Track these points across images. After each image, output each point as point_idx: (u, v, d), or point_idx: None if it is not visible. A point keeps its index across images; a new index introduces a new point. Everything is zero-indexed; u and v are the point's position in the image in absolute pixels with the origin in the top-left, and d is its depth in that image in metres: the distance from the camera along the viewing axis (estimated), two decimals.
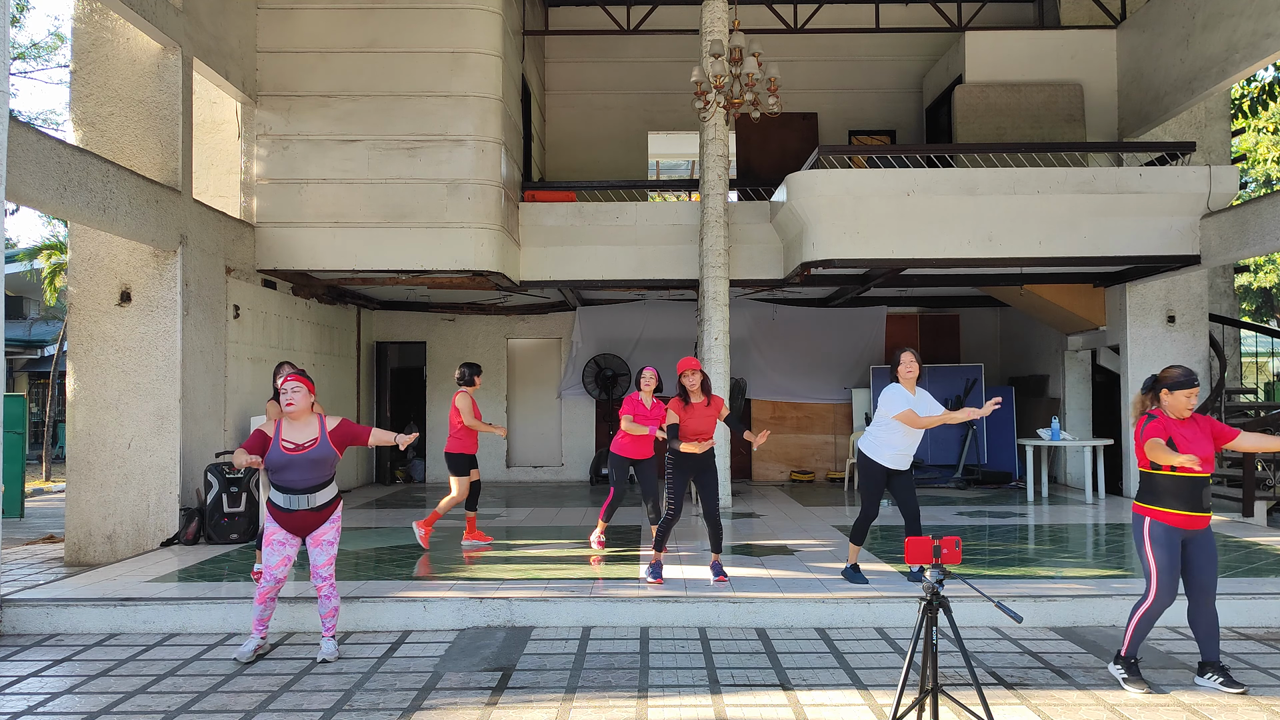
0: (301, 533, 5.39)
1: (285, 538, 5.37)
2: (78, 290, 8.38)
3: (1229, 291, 13.51)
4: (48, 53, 22.15)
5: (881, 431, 6.54)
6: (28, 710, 4.58)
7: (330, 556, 5.44)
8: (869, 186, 9.93)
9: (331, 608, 5.47)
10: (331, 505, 5.46)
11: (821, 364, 14.02)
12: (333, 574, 5.46)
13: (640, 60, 14.17)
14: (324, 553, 5.42)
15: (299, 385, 5.37)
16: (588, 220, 11.50)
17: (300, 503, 5.32)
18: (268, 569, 5.36)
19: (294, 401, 5.35)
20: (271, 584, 5.38)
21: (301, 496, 5.32)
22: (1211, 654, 4.82)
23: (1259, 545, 8.02)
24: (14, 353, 24.28)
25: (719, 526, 6.78)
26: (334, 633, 5.49)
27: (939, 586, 3.78)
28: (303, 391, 5.37)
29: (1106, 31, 11.95)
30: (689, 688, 4.80)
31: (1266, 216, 8.97)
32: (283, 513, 5.34)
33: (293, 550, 5.40)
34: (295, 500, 5.31)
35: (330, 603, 5.46)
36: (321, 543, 5.42)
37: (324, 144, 10.13)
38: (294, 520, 5.34)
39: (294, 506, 5.32)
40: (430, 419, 14.21)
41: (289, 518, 5.34)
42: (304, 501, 5.32)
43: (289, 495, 5.31)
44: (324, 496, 5.40)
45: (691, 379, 6.61)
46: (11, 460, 11.43)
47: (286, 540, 5.38)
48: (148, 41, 8.48)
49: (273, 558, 5.36)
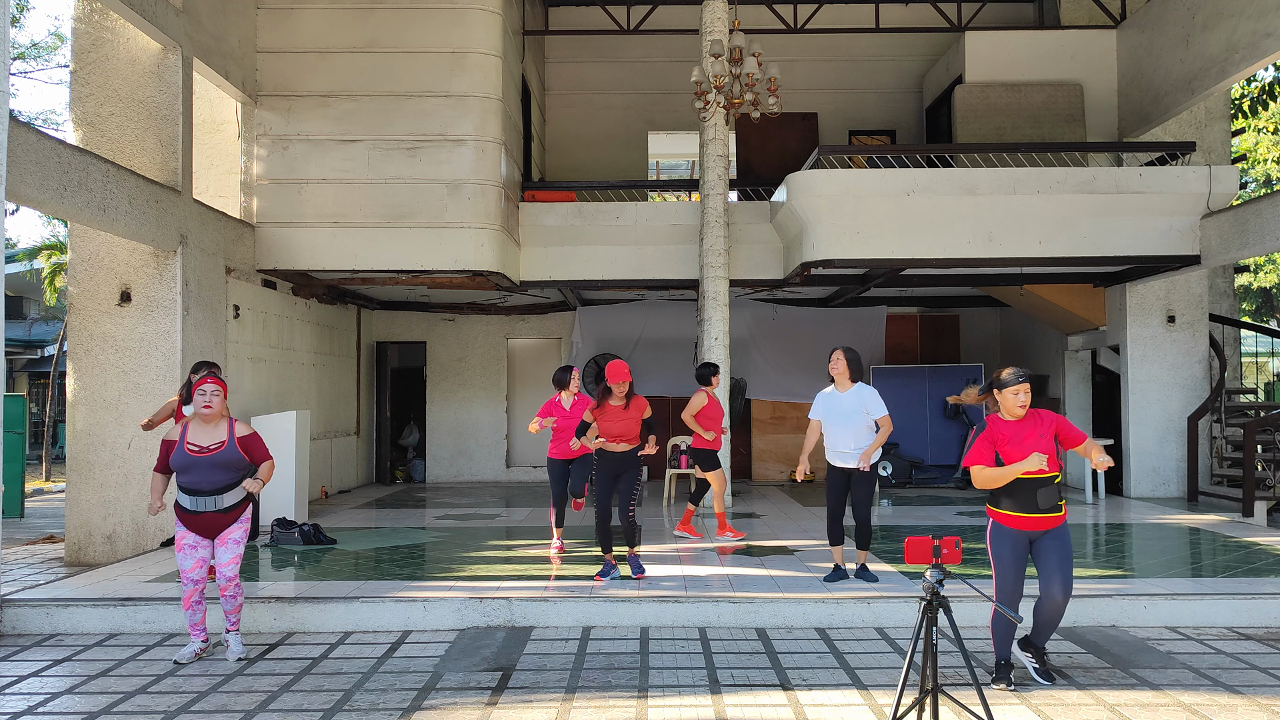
0: (209, 534, 5.35)
1: (195, 540, 5.33)
2: (78, 290, 8.38)
3: (1229, 291, 13.50)
4: (48, 53, 22.17)
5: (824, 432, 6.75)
6: (28, 710, 4.58)
7: (236, 555, 5.39)
8: (869, 186, 9.93)
9: (236, 604, 5.43)
10: (240, 506, 5.42)
11: (822, 364, 13.83)
12: (238, 574, 5.42)
13: (640, 60, 14.16)
14: (229, 551, 5.37)
15: (218, 388, 5.36)
16: (588, 220, 11.50)
17: (207, 504, 5.29)
18: (184, 574, 5.32)
19: (212, 405, 5.33)
20: (191, 587, 5.33)
21: (209, 498, 5.28)
22: (1039, 639, 4.85)
23: (1259, 545, 8.02)
24: (14, 353, 24.29)
25: (630, 529, 6.78)
26: (238, 629, 5.46)
27: (939, 586, 3.78)
28: (220, 395, 5.36)
29: (1106, 31, 11.95)
30: (689, 688, 4.80)
31: (1266, 216, 8.97)
32: (189, 515, 5.31)
33: (205, 552, 5.36)
34: (202, 502, 5.28)
35: (235, 600, 5.42)
36: (228, 541, 5.37)
37: (324, 144, 10.13)
38: (200, 522, 5.31)
39: (200, 508, 5.29)
40: (430, 419, 14.21)
41: (196, 520, 5.30)
42: (211, 503, 5.29)
43: (195, 497, 5.28)
44: (232, 498, 5.37)
45: (620, 388, 6.62)
46: (11, 460, 11.43)
47: (197, 543, 5.33)
48: (148, 41, 8.48)
49: (186, 562, 5.31)
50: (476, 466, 14.21)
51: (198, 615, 5.41)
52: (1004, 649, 4.83)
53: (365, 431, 13.92)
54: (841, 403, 6.60)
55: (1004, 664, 4.82)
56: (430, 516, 10.25)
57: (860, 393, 6.59)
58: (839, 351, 6.68)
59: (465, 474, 14.21)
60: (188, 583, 5.33)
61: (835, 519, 6.74)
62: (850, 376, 6.63)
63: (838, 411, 6.61)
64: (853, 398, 6.58)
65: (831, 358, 6.70)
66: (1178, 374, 11.26)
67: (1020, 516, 4.68)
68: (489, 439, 14.23)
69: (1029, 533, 4.70)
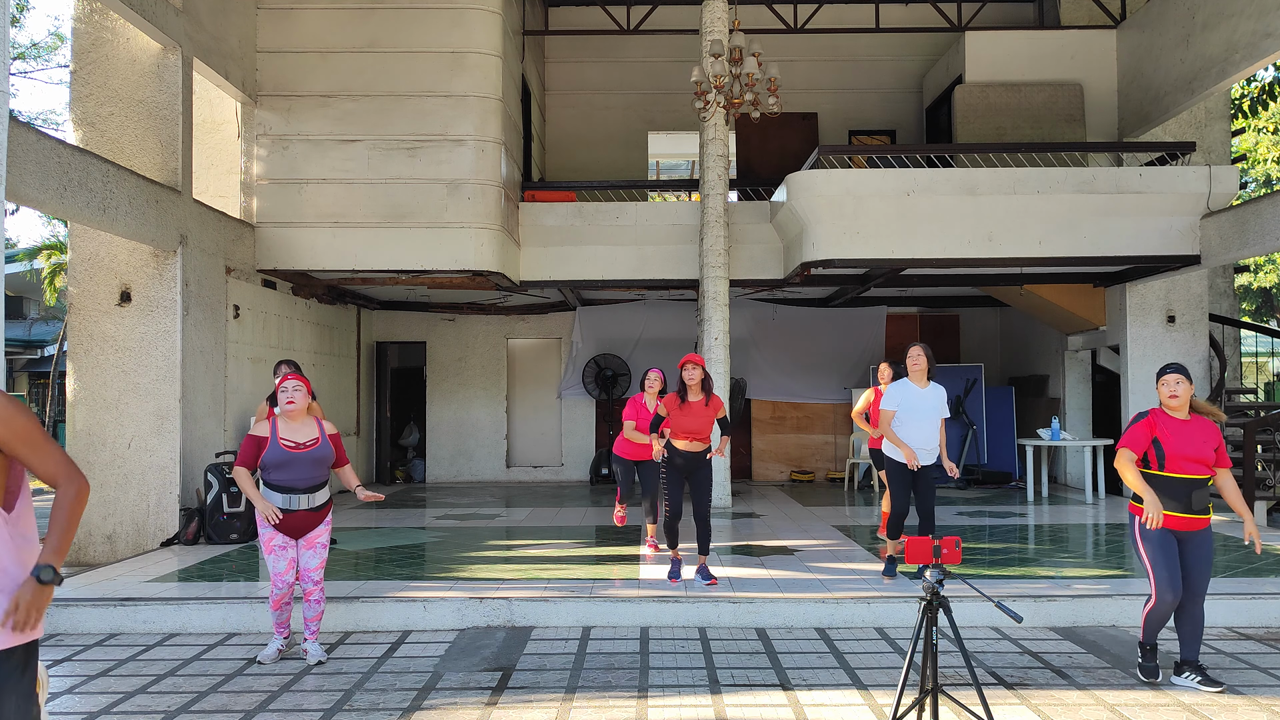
0: (298, 533, 5.31)
1: (285, 541, 5.29)
2: (78, 290, 8.38)
3: (1229, 291, 13.51)
4: (48, 53, 22.18)
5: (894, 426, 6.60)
6: None
7: (323, 560, 5.37)
8: (869, 186, 9.93)
9: (319, 611, 5.38)
10: (328, 505, 5.44)
11: (821, 364, 14.03)
12: (323, 578, 5.39)
13: (640, 60, 14.16)
14: (317, 555, 5.34)
15: (299, 384, 5.34)
16: (588, 220, 11.50)
17: (300, 502, 5.26)
18: (277, 575, 5.28)
19: (294, 400, 5.30)
20: (284, 590, 5.31)
21: (302, 496, 5.26)
22: (1191, 654, 4.79)
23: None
24: (14, 353, 24.28)
25: (707, 528, 6.71)
26: (318, 636, 5.41)
27: (939, 586, 3.78)
28: (303, 390, 5.34)
29: (1106, 31, 11.95)
30: (689, 688, 4.80)
31: (1266, 216, 8.97)
32: (282, 514, 5.26)
33: (295, 552, 5.32)
34: (295, 500, 5.25)
35: (319, 606, 5.37)
36: (315, 544, 5.35)
37: (324, 144, 10.13)
38: (293, 520, 5.27)
39: (294, 506, 5.25)
40: (430, 419, 14.21)
41: (288, 518, 5.26)
42: (305, 501, 5.27)
43: (289, 495, 5.24)
44: (323, 496, 5.37)
45: (691, 373, 6.55)
46: None
47: (287, 544, 5.29)
48: (148, 41, 8.48)
49: (279, 564, 5.27)
50: (476, 466, 14.21)
51: (284, 615, 5.41)
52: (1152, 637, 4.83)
53: (365, 431, 13.92)
54: (920, 399, 6.51)
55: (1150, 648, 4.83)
56: (430, 516, 10.25)
57: (937, 392, 6.54)
58: (919, 348, 6.56)
59: (465, 474, 14.21)
60: (281, 585, 5.28)
61: (901, 518, 6.65)
62: (928, 375, 6.56)
63: (917, 408, 6.50)
64: (931, 396, 6.52)
65: (911, 353, 6.56)
66: None
67: (1175, 516, 4.67)
68: (489, 439, 14.23)
69: (1177, 532, 4.70)
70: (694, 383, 6.58)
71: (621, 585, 6.54)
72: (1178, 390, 4.66)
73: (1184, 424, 4.68)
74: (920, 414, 6.49)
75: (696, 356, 6.63)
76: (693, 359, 6.60)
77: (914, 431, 6.49)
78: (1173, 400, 4.67)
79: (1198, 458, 4.61)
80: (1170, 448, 4.62)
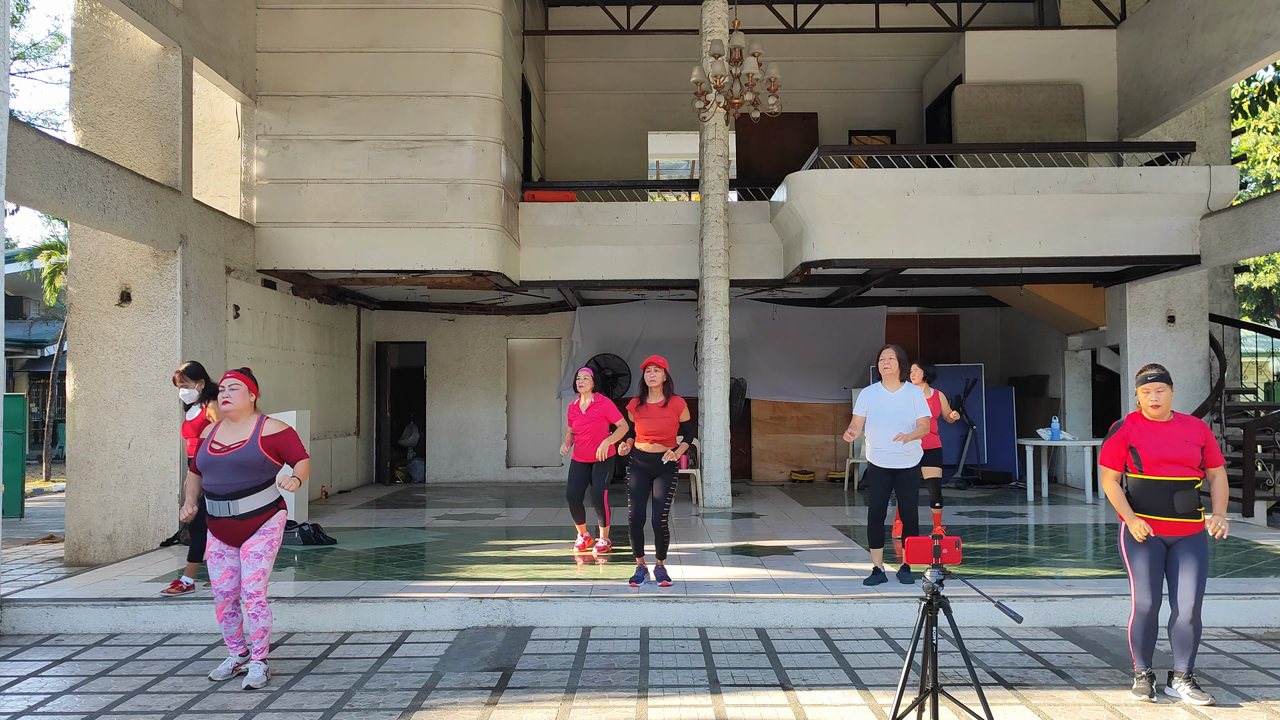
0: (233, 542, 4.99)
1: (222, 548, 4.99)
2: (78, 290, 8.38)
3: (1229, 291, 13.50)
4: (48, 53, 22.16)
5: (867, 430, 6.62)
6: (28, 710, 4.58)
7: (258, 570, 4.93)
8: (869, 186, 9.93)
9: (258, 628, 4.95)
10: (262, 515, 4.99)
11: (821, 364, 14.02)
12: (262, 591, 4.94)
13: (640, 60, 14.16)
14: (250, 565, 4.93)
15: (237, 382, 5.02)
16: (588, 220, 11.50)
17: (222, 509, 4.91)
18: (213, 584, 5.01)
19: (230, 400, 4.99)
20: (221, 599, 5.01)
21: (224, 502, 4.90)
22: (1181, 666, 4.63)
23: (1259, 545, 8.02)
24: (14, 353, 24.28)
25: (663, 535, 6.68)
26: (264, 655, 4.97)
27: (939, 586, 3.78)
28: (241, 389, 5.00)
29: (1106, 31, 11.95)
30: (689, 688, 4.80)
31: (1266, 216, 8.97)
32: (212, 520, 4.98)
33: (233, 562, 4.99)
34: (218, 506, 4.92)
35: (259, 622, 4.94)
36: (249, 554, 4.94)
37: (324, 144, 10.13)
38: (221, 528, 4.96)
39: (217, 514, 4.93)
40: (430, 419, 14.21)
41: (216, 525, 4.97)
42: (226, 508, 4.91)
43: (213, 501, 4.94)
44: (249, 504, 4.93)
45: (653, 375, 6.56)
46: (11, 460, 11.43)
47: (224, 551, 4.99)
48: (148, 41, 8.48)
49: (214, 571, 5.00)
50: (476, 466, 14.21)
51: (231, 628, 5.07)
52: (1146, 659, 4.64)
53: (365, 431, 13.92)
54: (890, 402, 6.52)
55: (1146, 675, 4.63)
56: (430, 516, 10.25)
57: (909, 393, 6.54)
58: (891, 350, 6.57)
59: (465, 474, 14.21)
60: (217, 594, 5.02)
61: (877, 520, 6.64)
62: (900, 376, 6.57)
63: (885, 411, 6.51)
64: (902, 398, 6.52)
65: (883, 356, 6.58)
66: (1178, 374, 11.24)
67: (1159, 520, 4.53)
68: (489, 439, 14.23)
69: (1164, 538, 4.56)
70: (655, 385, 6.60)
71: (622, 585, 6.53)
72: (1159, 400, 4.53)
73: (1163, 427, 4.57)
74: (890, 417, 6.48)
75: (659, 359, 6.65)
76: (655, 361, 6.63)
77: (886, 435, 6.49)
78: (1154, 409, 4.56)
79: (1178, 459, 4.47)
80: (1146, 452, 4.52)
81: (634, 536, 6.73)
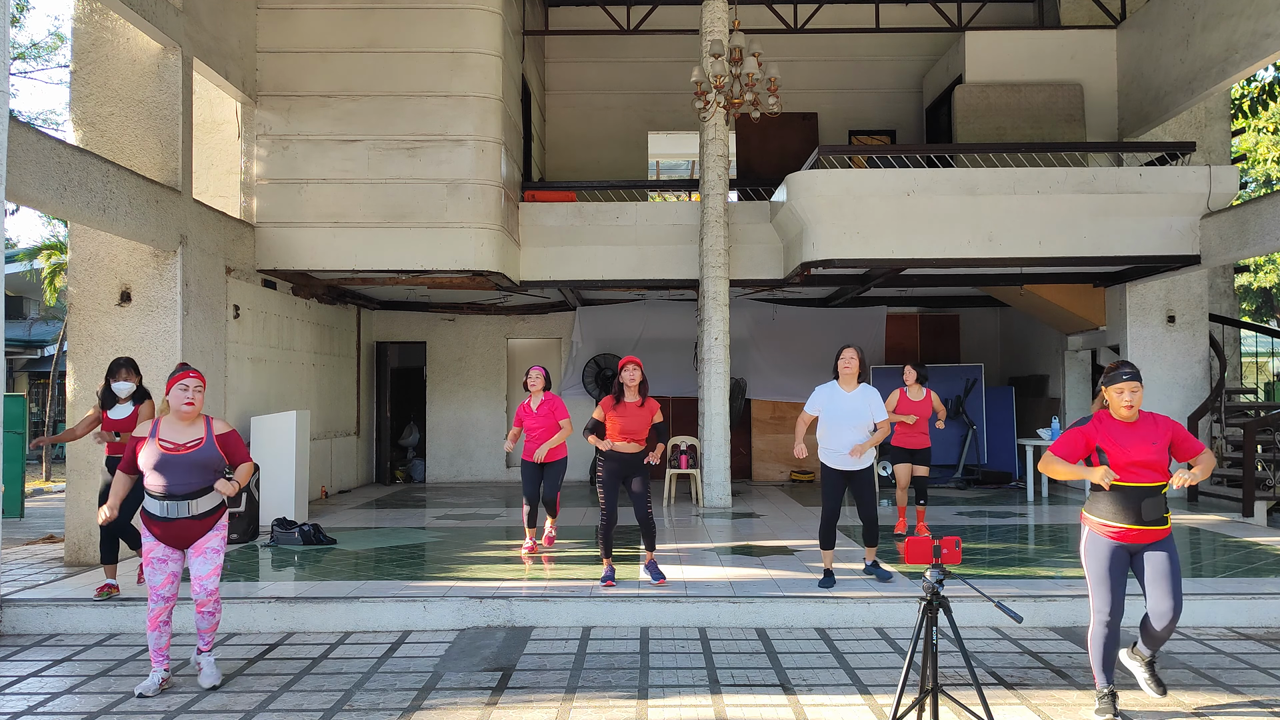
0: (182, 544, 4.83)
1: (166, 553, 4.81)
2: (78, 290, 8.38)
3: (1229, 291, 13.51)
4: (48, 53, 22.17)
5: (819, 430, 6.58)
6: (28, 710, 4.58)
7: (215, 566, 4.86)
8: (869, 186, 9.93)
9: (212, 623, 4.92)
10: (215, 513, 4.90)
11: (822, 364, 13.96)
12: (218, 588, 4.91)
13: (640, 60, 14.17)
14: (208, 562, 4.84)
15: (201, 383, 4.89)
16: (588, 220, 11.50)
17: (179, 510, 4.75)
18: (153, 590, 4.80)
19: (194, 401, 4.83)
20: (160, 605, 4.82)
21: (181, 503, 4.75)
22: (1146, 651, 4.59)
23: (1259, 545, 8.02)
24: (14, 353, 24.28)
25: (649, 526, 6.69)
26: (211, 649, 4.95)
27: (939, 586, 3.78)
28: (203, 390, 4.92)
29: (1106, 31, 11.95)
30: (689, 688, 4.80)
31: (1266, 216, 8.97)
32: (160, 523, 4.78)
33: (176, 566, 4.85)
34: (173, 507, 4.75)
35: (213, 619, 4.91)
36: (205, 551, 4.84)
37: (324, 144, 10.13)
38: (172, 530, 4.78)
39: (171, 514, 4.75)
40: (430, 419, 14.21)
41: (167, 528, 4.77)
42: (183, 509, 4.75)
43: (166, 502, 4.75)
44: (207, 504, 4.84)
45: (631, 374, 6.55)
46: (11, 460, 11.42)
47: (167, 556, 4.81)
48: (148, 41, 8.48)
49: (156, 577, 4.79)
50: (476, 466, 14.21)
51: (164, 639, 4.85)
52: (1108, 673, 4.34)
53: (365, 431, 13.92)
54: (846, 402, 6.45)
55: (1108, 694, 4.30)
56: (430, 516, 10.25)
57: (865, 394, 6.47)
58: (852, 350, 6.51)
59: (465, 474, 14.21)
60: (156, 600, 4.80)
61: (831, 522, 6.57)
62: (859, 377, 6.54)
63: (841, 410, 6.45)
64: (858, 398, 6.45)
65: (844, 355, 6.49)
66: (1178, 374, 11.26)
67: (1121, 528, 4.27)
68: (489, 439, 14.23)
69: (1129, 545, 4.31)
70: (633, 384, 6.59)
71: (622, 585, 6.54)
72: (1134, 400, 4.26)
73: (1131, 427, 4.29)
74: (845, 418, 6.42)
75: (635, 359, 6.65)
76: (633, 360, 6.63)
77: (840, 436, 6.43)
78: (1127, 410, 4.27)
79: (1146, 462, 4.21)
80: (1115, 455, 4.24)
81: (604, 538, 6.68)
